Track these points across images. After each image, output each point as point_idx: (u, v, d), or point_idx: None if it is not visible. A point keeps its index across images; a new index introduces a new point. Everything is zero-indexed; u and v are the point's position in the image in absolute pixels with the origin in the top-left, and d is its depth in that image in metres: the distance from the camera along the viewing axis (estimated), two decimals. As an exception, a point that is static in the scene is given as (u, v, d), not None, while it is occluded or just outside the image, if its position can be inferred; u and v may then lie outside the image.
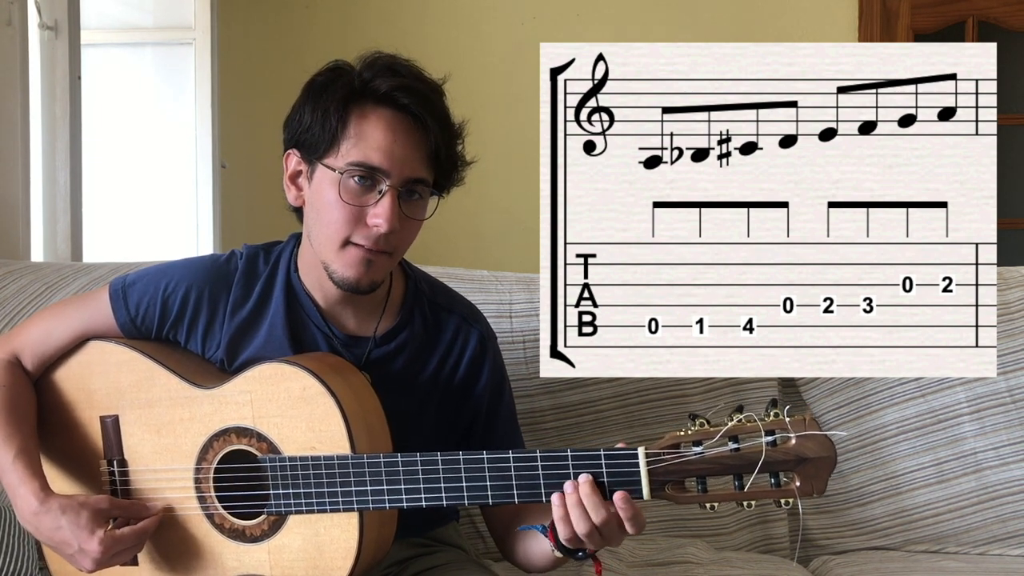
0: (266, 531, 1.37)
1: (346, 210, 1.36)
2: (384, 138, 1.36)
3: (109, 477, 1.46)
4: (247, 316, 1.48)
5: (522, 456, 1.26)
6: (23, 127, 2.41)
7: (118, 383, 1.46)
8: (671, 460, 1.20)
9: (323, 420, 1.33)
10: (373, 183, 1.36)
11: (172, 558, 1.43)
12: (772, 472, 1.19)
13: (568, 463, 1.24)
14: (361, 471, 1.31)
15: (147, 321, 1.48)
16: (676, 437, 1.21)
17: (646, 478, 1.21)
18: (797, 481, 1.19)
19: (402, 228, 1.38)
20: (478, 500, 1.28)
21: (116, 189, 3.32)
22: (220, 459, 1.40)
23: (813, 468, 1.18)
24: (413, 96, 1.37)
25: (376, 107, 1.37)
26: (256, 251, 1.52)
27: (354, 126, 1.37)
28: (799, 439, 1.18)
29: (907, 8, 3.79)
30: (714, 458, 1.19)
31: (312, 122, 1.39)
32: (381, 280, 1.42)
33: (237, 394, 1.39)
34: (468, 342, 1.52)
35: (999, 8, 3.79)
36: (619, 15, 3.84)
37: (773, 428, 1.18)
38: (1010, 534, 1.85)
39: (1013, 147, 4.09)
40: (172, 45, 3.43)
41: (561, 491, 1.24)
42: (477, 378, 1.52)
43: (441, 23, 3.80)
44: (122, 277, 1.51)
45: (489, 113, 3.86)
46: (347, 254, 1.38)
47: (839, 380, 1.91)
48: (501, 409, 1.55)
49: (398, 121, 1.37)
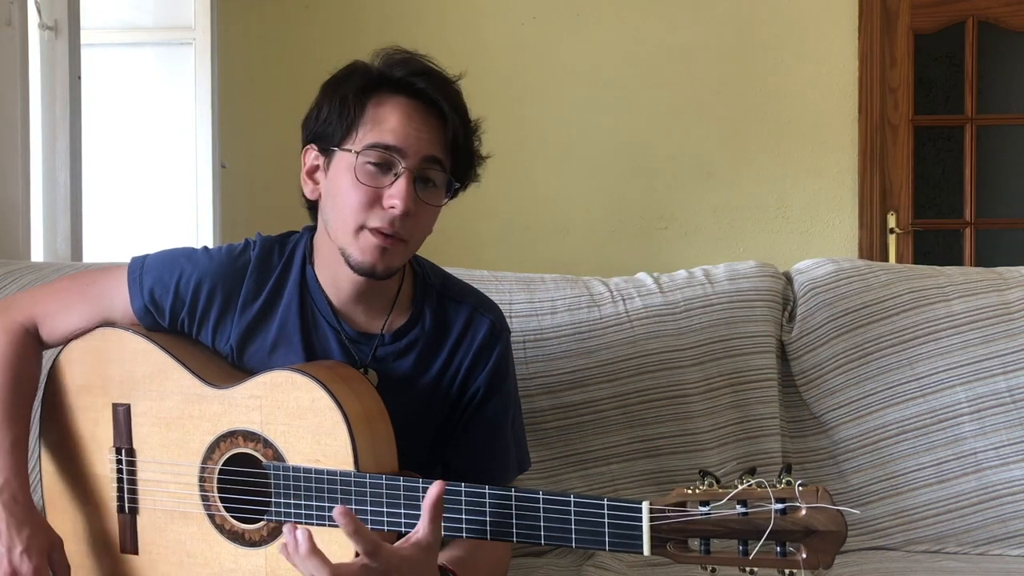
0: (265, 537, 1.38)
1: (362, 192, 1.36)
2: (399, 121, 1.37)
3: (116, 465, 1.47)
4: (259, 311, 1.48)
5: (524, 496, 1.24)
6: (23, 127, 2.41)
7: (133, 373, 1.47)
8: (676, 518, 1.17)
9: (329, 434, 1.33)
10: (389, 166, 1.37)
11: (170, 553, 1.44)
12: (779, 541, 1.15)
13: (570, 508, 1.22)
14: (362, 490, 1.31)
15: (159, 308, 1.49)
16: (683, 495, 1.18)
17: (648, 533, 1.18)
18: (803, 553, 1.14)
19: (417, 214, 1.38)
20: (475, 534, 1.27)
21: (116, 189, 3.32)
22: (226, 460, 1.40)
23: (821, 542, 1.14)
24: (429, 81, 1.39)
25: (393, 94, 1.39)
26: (271, 243, 1.52)
27: (371, 112, 1.39)
28: (809, 510, 1.14)
29: (907, 8, 3.79)
30: (720, 520, 1.15)
31: (330, 112, 1.41)
32: (398, 267, 1.42)
33: (247, 398, 1.39)
34: (478, 331, 1.50)
35: (999, 8, 3.80)
36: (619, 15, 3.84)
37: (784, 496, 1.14)
38: (1010, 534, 1.85)
39: (1013, 147, 4.09)
40: (172, 45, 3.43)
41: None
42: (481, 367, 1.50)
43: (441, 23, 3.81)
44: (141, 259, 1.52)
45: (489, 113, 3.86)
46: (363, 239, 1.38)
47: (839, 380, 1.91)
48: (487, 409, 1.51)
49: (414, 107, 1.39)
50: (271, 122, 3.73)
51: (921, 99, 3.92)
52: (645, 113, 3.84)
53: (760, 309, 1.93)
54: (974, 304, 1.92)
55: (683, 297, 1.93)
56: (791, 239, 3.84)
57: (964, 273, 2.00)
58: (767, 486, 1.15)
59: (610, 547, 1.20)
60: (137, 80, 3.45)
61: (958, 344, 1.90)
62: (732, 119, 3.84)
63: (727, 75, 3.83)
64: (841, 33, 3.82)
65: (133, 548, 1.46)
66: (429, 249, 1.59)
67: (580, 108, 3.85)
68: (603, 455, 1.88)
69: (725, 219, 3.86)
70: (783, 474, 1.16)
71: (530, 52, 3.84)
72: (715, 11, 3.83)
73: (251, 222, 3.58)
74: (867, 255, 3.78)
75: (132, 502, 1.47)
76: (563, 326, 1.89)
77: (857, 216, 3.82)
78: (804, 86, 3.82)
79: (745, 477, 1.16)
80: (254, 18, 3.82)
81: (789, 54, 3.83)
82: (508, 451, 1.54)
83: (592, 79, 3.84)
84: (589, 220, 3.86)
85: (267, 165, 3.75)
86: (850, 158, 3.82)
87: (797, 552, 1.14)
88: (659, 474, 1.87)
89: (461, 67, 1.48)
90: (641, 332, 1.90)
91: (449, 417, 1.51)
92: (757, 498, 1.15)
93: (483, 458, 1.50)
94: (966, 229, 3.83)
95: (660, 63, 3.84)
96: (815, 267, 1.99)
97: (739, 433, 1.90)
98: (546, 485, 1.85)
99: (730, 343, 1.91)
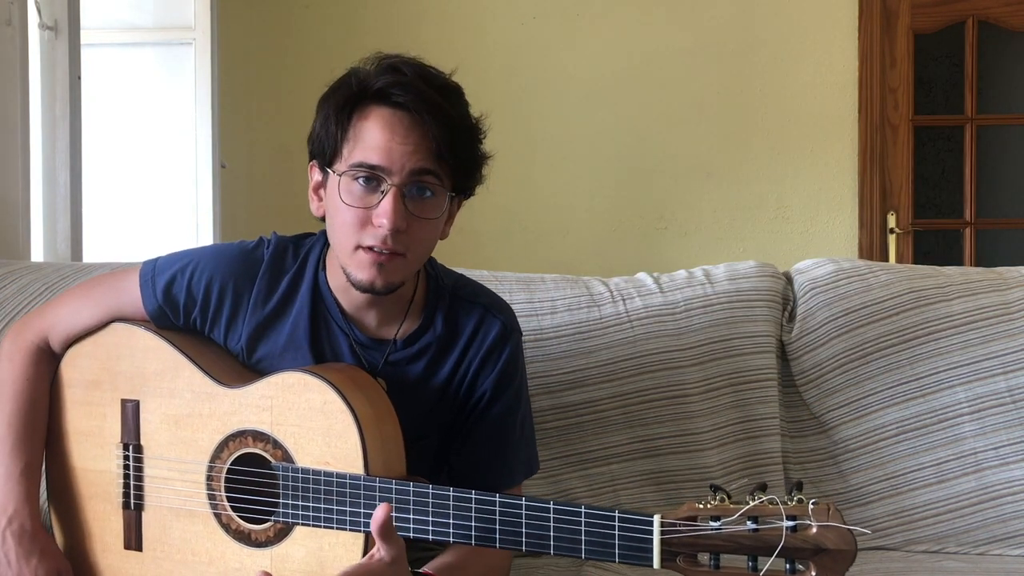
0: (271, 538, 1.38)
1: (352, 213, 1.35)
2: (381, 136, 1.34)
3: (123, 461, 1.48)
4: (270, 312, 1.47)
5: (534, 505, 1.24)
6: (23, 127, 2.41)
7: (143, 369, 1.47)
8: (687, 532, 1.17)
9: (340, 437, 1.33)
10: (377, 183, 1.35)
11: (175, 551, 1.44)
12: (788, 558, 1.15)
13: (581, 519, 1.22)
14: (371, 494, 1.30)
15: (172, 308, 1.49)
16: (694, 509, 1.18)
17: (658, 547, 1.18)
18: (813, 570, 1.14)
19: (412, 228, 1.35)
20: (485, 542, 1.26)
21: (116, 189, 3.32)
22: (234, 460, 1.40)
23: (831, 560, 1.13)
24: (409, 92, 1.34)
25: (374, 106, 1.36)
26: (286, 244, 1.51)
27: (355, 128, 1.36)
28: (820, 529, 1.14)
29: (907, 8, 3.79)
30: (731, 536, 1.16)
31: (319, 130, 1.39)
32: (399, 281, 1.40)
33: (258, 398, 1.39)
34: (489, 333, 1.49)
35: (999, 8, 3.79)
36: (619, 15, 3.84)
37: (795, 514, 1.14)
38: (1010, 534, 1.85)
39: (1013, 147, 4.09)
40: (172, 45, 3.43)
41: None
42: (489, 369, 1.49)
43: (441, 23, 3.81)
44: (152, 262, 1.52)
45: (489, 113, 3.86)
46: (358, 257, 1.36)
47: (839, 380, 1.91)
48: (494, 411, 1.49)
49: (397, 119, 1.35)
50: (271, 122, 3.73)
51: (921, 99, 3.92)
52: (645, 113, 3.85)
53: (760, 309, 1.93)
54: (974, 304, 1.92)
55: (683, 297, 1.93)
56: (791, 239, 3.84)
57: (964, 273, 2.00)
58: (779, 503, 1.15)
59: (620, 559, 1.20)
60: (137, 80, 3.45)
61: (958, 344, 1.90)
62: (732, 119, 3.84)
63: (727, 75, 3.83)
64: (841, 33, 3.82)
65: (137, 545, 1.46)
66: (429, 249, 1.58)
67: (580, 108, 3.85)
68: (603, 455, 1.88)
69: (725, 219, 3.86)
70: (794, 491, 1.16)
71: (530, 52, 3.84)
72: (715, 11, 3.83)
73: (251, 222, 3.59)
74: (867, 255, 3.78)
75: (138, 499, 1.47)
76: (563, 326, 1.89)
77: (857, 216, 3.82)
78: (804, 86, 3.82)
79: (757, 493, 1.16)
80: (254, 18, 3.82)
81: (789, 54, 3.83)
82: (514, 453, 1.53)
83: (592, 79, 3.84)
84: (589, 220, 3.86)
85: (267, 165, 3.75)
86: (850, 158, 3.82)
87: (807, 570, 1.15)
88: (659, 474, 1.87)
89: (462, 67, 1.46)
90: (641, 332, 1.90)
91: (456, 419, 1.50)
92: (768, 514, 1.15)
93: (488, 460, 1.50)
94: (966, 229, 3.83)
95: (660, 63, 3.84)
96: (815, 267, 1.99)
97: (739, 433, 1.90)
98: (546, 485, 1.85)
99: (730, 343, 1.91)
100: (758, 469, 1.88)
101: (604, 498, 1.86)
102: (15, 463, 1.48)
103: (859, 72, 3.80)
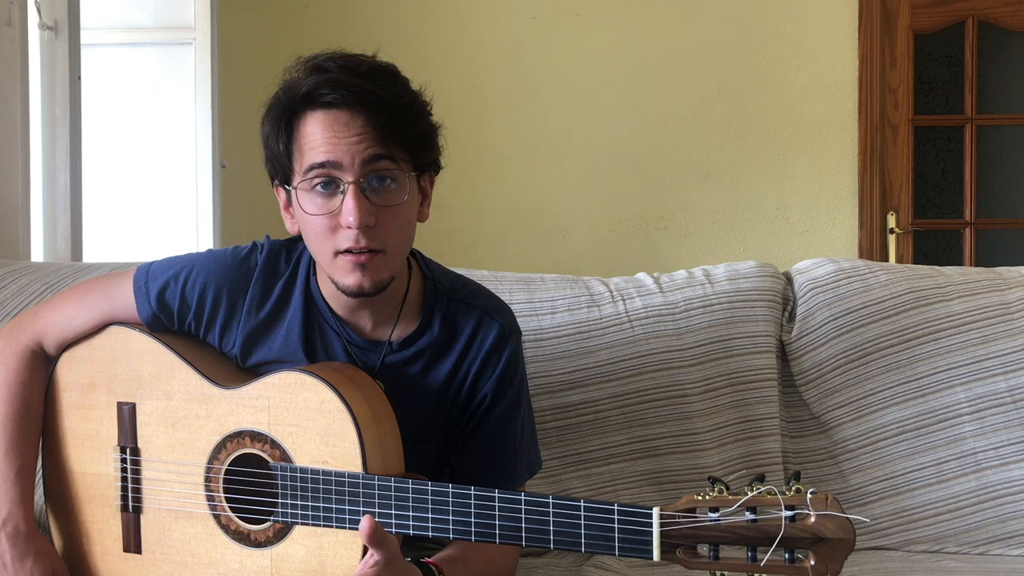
0: (271, 538, 1.38)
1: (320, 222, 1.34)
2: (323, 136, 1.33)
3: (120, 464, 1.48)
4: (264, 318, 1.47)
5: (534, 500, 1.24)
6: (23, 127, 2.41)
7: (139, 372, 1.47)
8: (686, 524, 1.18)
9: (338, 436, 1.33)
10: (335, 186, 1.33)
11: (174, 552, 1.44)
12: (787, 548, 1.16)
13: (580, 512, 1.22)
14: (371, 492, 1.30)
15: (166, 314, 1.49)
16: (693, 501, 1.18)
17: (658, 539, 1.18)
18: (812, 560, 1.15)
19: (382, 220, 1.34)
20: (485, 537, 1.27)
21: (116, 189, 3.32)
22: (232, 460, 1.40)
23: (830, 549, 1.14)
24: (337, 88, 1.32)
25: (308, 111, 1.34)
26: (279, 248, 1.51)
27: (296, 138, 1.35)
28: (819, 518, 1.14)
29: (907, 8, 3.79)
30: (730, 527, 1.16)
31: (269, 150, 1.39)
32: (387, 279, 1.38)
33: (255, 398, 1.39)
34: (487, 336, 1.47)
35: (999, 8, 3.80)
36: (619, 15, 3.84)
37: (793, 504, 1.15)
38: (1010, 534, 1.85)
39: (1013, 147, 4.09)
40: (172, 45, 3.43)
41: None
42: (489, 373, 1.48)
43: (440, 23, 3.80)
44: (146, 267, 1.52)
45: (489, 113, 3.86)
46: (339, 264, 1.36)
47: (839, 380, 1.91)
48: (495, 414, 1.48)
49: (332, 117, 1.33)
50: (271, 122, 3.72)
51: (921, 99, 3.92)
52: (645, 113, 3.85)
53: (760, 309, 1.93)
54: (974, 304, 1.92)
55: (683, 297, 1.93)
56: (791, 239, 3.84)
57: (964, 273, 2.00)
58: (777, 493, 1.15)
59: (620, 552, 1.20)
60: (137, 80, 3.45)
61: (958, 344, 1.90)
62: (732, 119, 3.84)
63: (727, 75, 3.83)
64: (841, 33, 3.82)
65: (136, 547, 1.46)
66: (429, 249, 1.58)
67: (580, 108, 3.85)
68: (603, 455, 1.88)
69: (725, 219, 3.86)
70: (792, 481, 1.17)
71: (530, 52, 3.84)
72: (715, 11, 3.83)
73: (251, 222, 3.59)
74: (867, 255, 3.78)
75: (136, 501, 1.47)
76: (563, 326, 1.89)
77: (857, 216, 3.83)
78: (804, 86, 3.83)
79: (755, 484, 1.17)
80: (254, 18, 3.82)
81: (789, 54, 3.83)
82: (516, 454, 1.52)
83: (592, 79, 3.84)
84: (589, 220, 3.86)
85: (267, 165, 3.74)
86: (850, 158, 3.83)
87: (806, 559, 1.15)
88: (659, 474, 1.87)
89: (461, 66, 1.46)
90: (641, 332, 1.90)
91: (457, 422, 1.50)
92: (766, 505, 1.15)
93: (490, 462, 1.49)
94: (966, 229, 3.83)
95: (660, 63, 3.84)
96: (815, 267, 1.99)
97: (739, 433, 1.90)
98: (546, 485, 1.85)
99: (730, 343, 1.91)
100: (758, 469, 1.88)
101: (604, 498, 1.85)
102: (9, 466, 1.48)
103: (859, 72, 3.80)
